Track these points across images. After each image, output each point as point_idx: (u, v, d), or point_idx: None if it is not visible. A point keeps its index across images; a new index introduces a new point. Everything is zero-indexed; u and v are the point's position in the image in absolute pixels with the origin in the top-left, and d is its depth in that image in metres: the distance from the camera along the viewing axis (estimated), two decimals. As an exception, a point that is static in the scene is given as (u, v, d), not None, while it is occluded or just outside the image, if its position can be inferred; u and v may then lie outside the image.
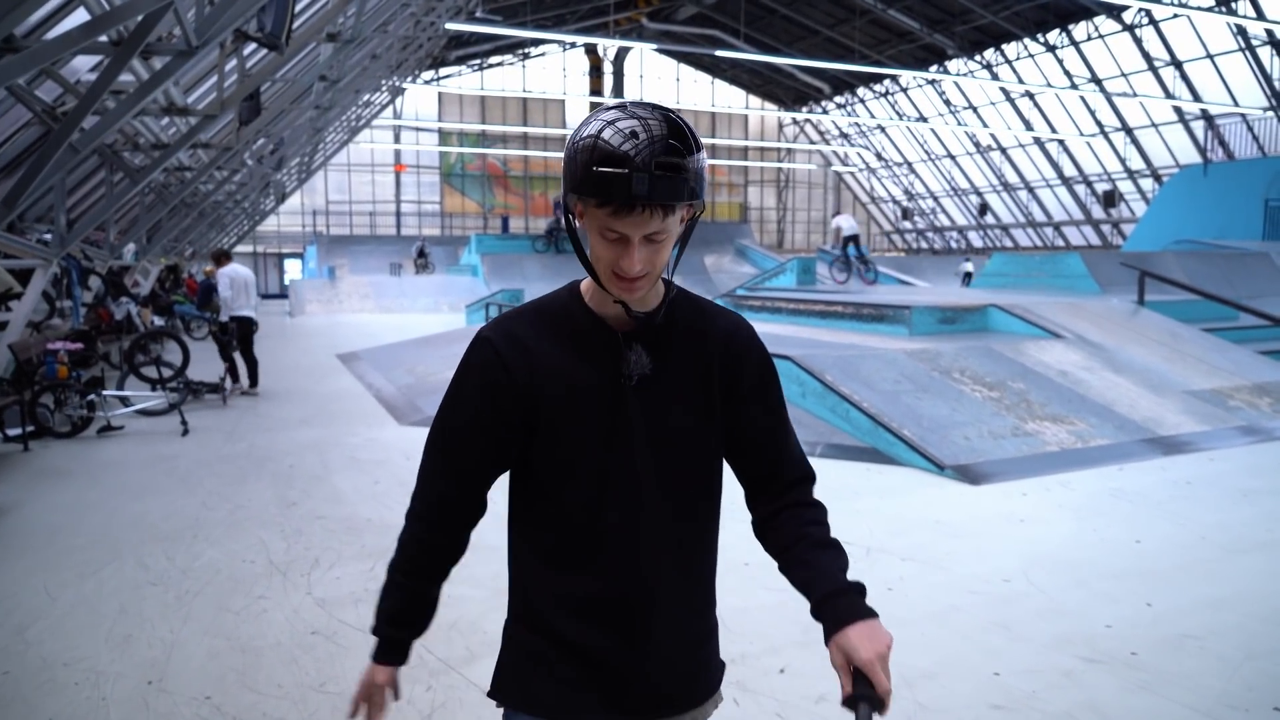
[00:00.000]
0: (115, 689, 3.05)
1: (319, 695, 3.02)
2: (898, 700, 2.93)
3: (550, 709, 1.38)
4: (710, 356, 1.40)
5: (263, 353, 15.01)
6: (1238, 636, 3.46)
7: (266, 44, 7.79)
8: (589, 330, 1.35)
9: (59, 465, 6.65)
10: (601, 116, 1.23)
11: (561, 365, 1.33)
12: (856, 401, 6.90)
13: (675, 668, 1.41)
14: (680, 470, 1.39)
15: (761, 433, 1.44)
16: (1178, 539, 4.71)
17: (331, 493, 5.75)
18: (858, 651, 1.24)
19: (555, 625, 1.38)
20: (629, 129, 1.19)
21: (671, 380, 1.37)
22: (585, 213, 1.25)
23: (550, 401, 1.32)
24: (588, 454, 1.34)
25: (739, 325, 1.43)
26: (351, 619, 3.66)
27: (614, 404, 1.33)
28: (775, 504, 1.45)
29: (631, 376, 1.34)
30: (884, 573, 4.21)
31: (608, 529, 1.35)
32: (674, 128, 1.21)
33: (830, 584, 1.33)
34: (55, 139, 6.39)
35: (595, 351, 1.34)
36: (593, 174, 1.18)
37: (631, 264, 1.23)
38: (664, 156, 1.17)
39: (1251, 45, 24.33)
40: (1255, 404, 7.91)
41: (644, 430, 1.35)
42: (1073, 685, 3.08)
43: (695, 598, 1.44)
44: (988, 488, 5.77)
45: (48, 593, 3.98)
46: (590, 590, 1.36)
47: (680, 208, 1.24)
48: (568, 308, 1.37)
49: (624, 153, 1.17)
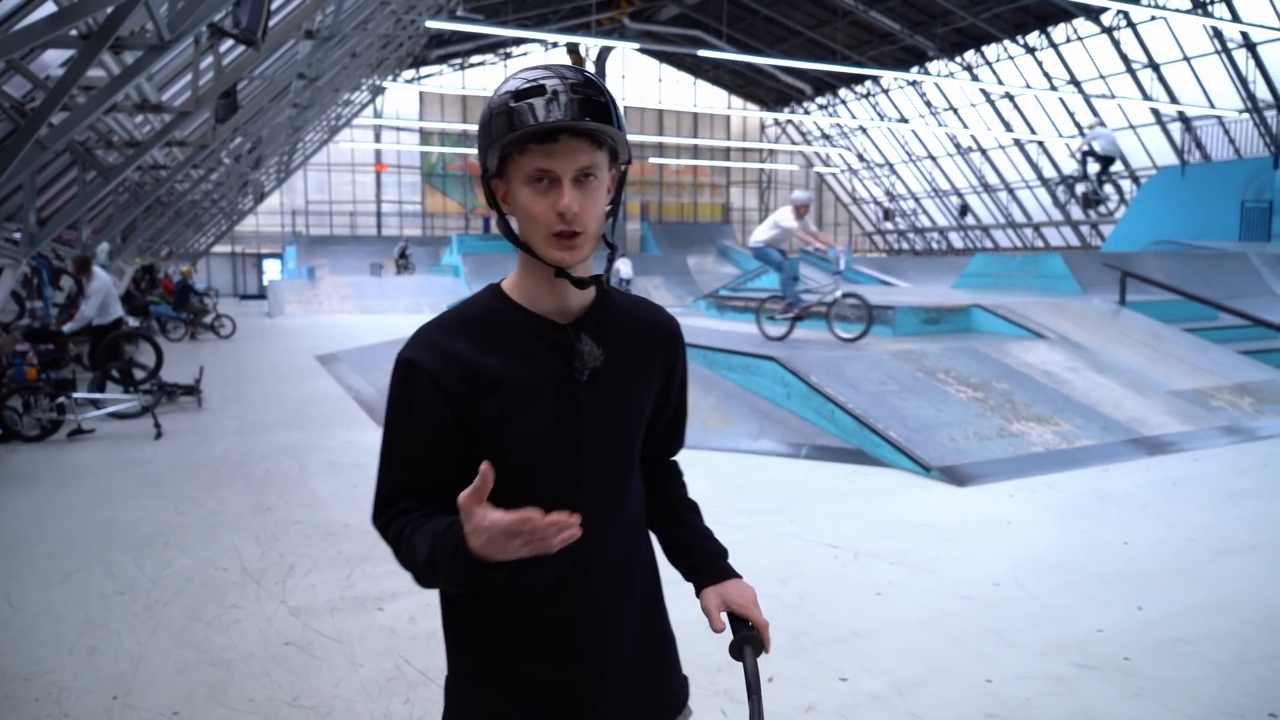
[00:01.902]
0: (79, 705, 2.92)
1: (292, 709, 2.90)
2: (889, 710, 2.87)
3: None
4: (653, 346, 1.34)
5: (240, 354, 14.83)
6: (1231, 641, 3.41)
7: (242, 40, 7.63)
8: (526, 329, 1.24)
9: (26, 470, 6.47)
10: (508, 81, 1.19)
11: (501, 367, 1.21)
12: (842, 403, 6.84)
13: (640, 687, 1.32)
14: (629, 468, 1.31)
15: (676, 417, 1.44)
16: (1166, 541, 4.67)
17: (308, 497, 5.62)
18: (735, 599, 1.33)
19: (510, 670, 1.25)
20: (537, 74, 1.16)
21: (620, 371, 1.28)
22: (510, 180, 1.19)
23: (494, 410, 1.20)
24: (544, 463, 1.22)
25: (673, 319, 1.40)
26: (327, 629, 3.54)
27: (566, 403, 1.23)
28: (655, 466, 1.47)
29: (584, 371, 1.23)
30: (873, 577, 4.14)
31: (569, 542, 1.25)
32: (582, 73, 1.18)
33: (711, 543, 1.41)
34: (22, 134, 6.22)
35: (538, 350, 1.23)
36: (510, 110, 1.14)
37: (568, 203, 1.14)
38: (578, 81, 1.15)
39: (1227, 48, 24.56)
40: (1237, 404, 7.93)
41: (600, 428, 1.25)
42: (1066, 692, 3.02)
43: (650, 606, 1.36)
44: (974, 489, 5.73)
45: (10, 603, 3.83)
46: (551, 618, 1.24)
47: (606, 149, 1.19)
48: (495, 310, 1.25)
49: (536, 82, 1.15)
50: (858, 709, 2.91)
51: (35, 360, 7.72)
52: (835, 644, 3.41)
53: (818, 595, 3.91)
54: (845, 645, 3.40)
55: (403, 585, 4.02)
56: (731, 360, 8.06)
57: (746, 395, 7.71)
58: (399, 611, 3.72)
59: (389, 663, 3.24)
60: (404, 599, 3.85)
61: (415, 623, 3.59)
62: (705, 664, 3.12)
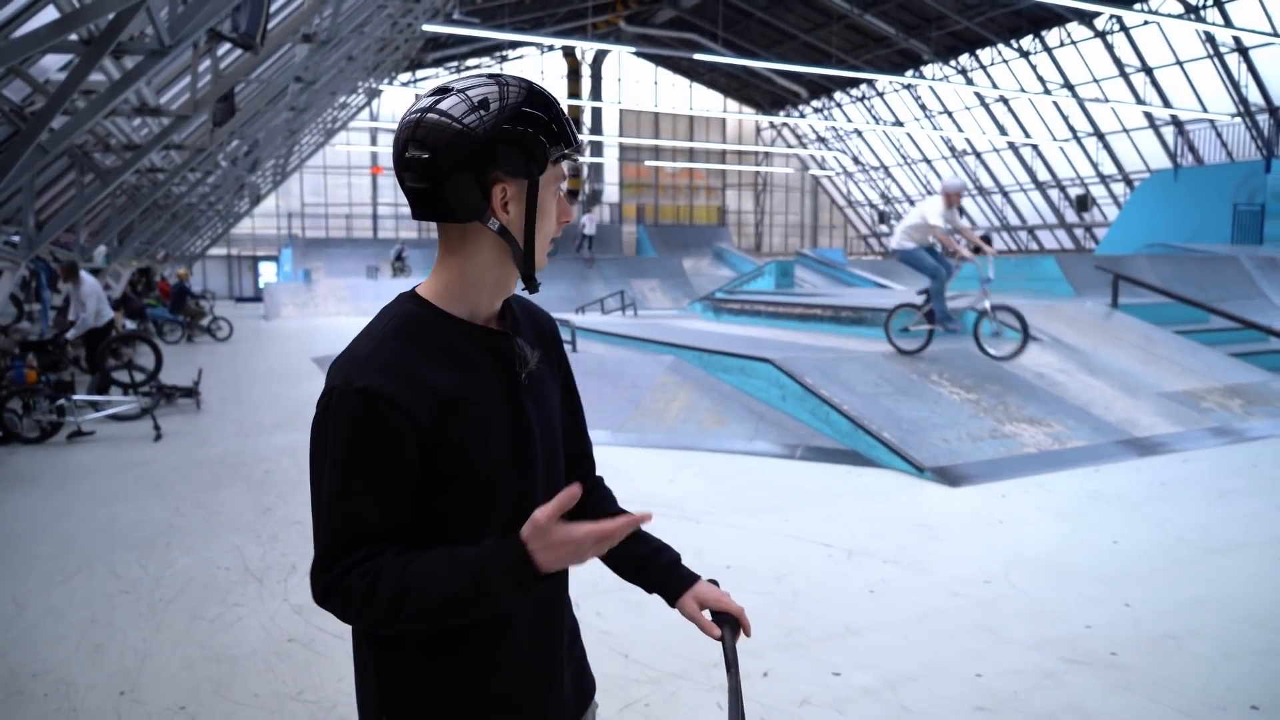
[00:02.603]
0: (86, 700, 2.98)
1: (296, 704, 2.96)
2: (881, 704, 2.94)
3: None
4: (550, 341, 1.35)
5: (237, 356, 14.86)
6: (1216, 636, 3.48)
7: (241, 44, 7.68)
8: (465, 338, 1.19)
9: (26, 471, 6.51)
10: (493, 89, 1.15)
11: (458, 389, 1.15)
12: (836, 404, 6.91)
13: (575, 675, 1.35)
14: (560, 471, 1.31)
15: (578, 416, 1.43)
16: (1155, 540, 4.74)
17: (308, 498, 5.65)
18: (710, 599, 1.33)
19: (475, 702, 1.20)
20: (537, 88, 1.18)
21: (545, 371, 1.30)
22: (539, 185, 1.17)
23: (461, 435, 1.14)
24: (500, 470, 1.18)
25: (545, 311, 1.41)
26: (329, 626, 3.60)
27: (513, 411, 1.21)
28: (589, 482, 1.42)
29: (524, 372, 1.23)
30: (866, 575, 4.21)
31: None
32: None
33: (666, 556, 1.38)
34: (23, 139, 6.26)
35: (480, 360, 1.19)
36: (559, 117, 1.17)
37: (570, 209, 1.23)
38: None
39: (1220, 53, 24.72)
40: (1227, 405, 8.01)
41: (540, 432, 1.24)
42: (1055, 686, 3.08)
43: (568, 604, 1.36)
44: (967, 489, 5.80)
45: (15, 601, 3.88)
46: (516, 630, 1.21)
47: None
48: (427, 321, 1.18)
49: (549, 96, 1.18)
50: (850, 702, 2.97)
51: (35, 363, 7.76)
52: (829, 640, 3.47)
53: (812, 593, 3.97)
54: (839, 641, 3.46)
55: (403, 584, 4.07)
56: (727, 362, 8.12)
57: (742, 397, 7.78)
58: (400, 609, 3.77)
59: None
60: (404, 597, 3.90)
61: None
62: (702, 659, 3.20)
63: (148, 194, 14.10)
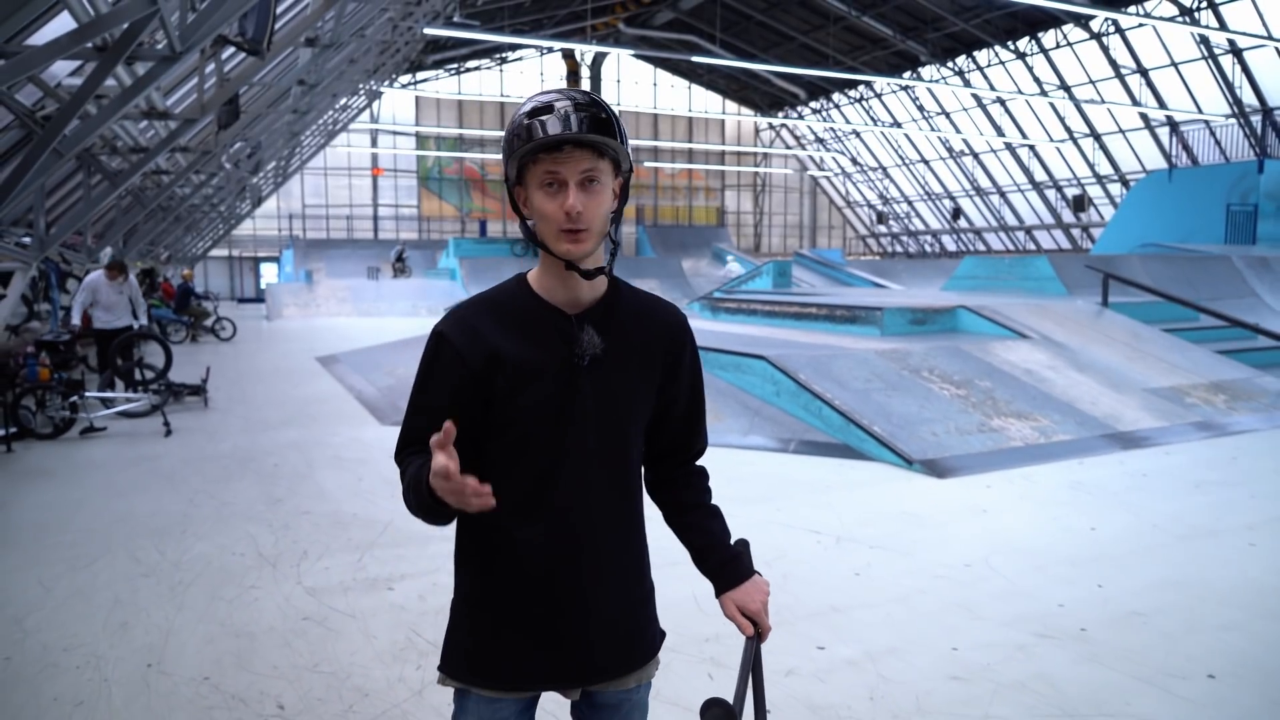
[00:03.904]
0: (116, 671, 3.17)
1: (313, 675, 3.16)
2: (861, 673, 3.14)
3: (499, 680, 1.48)
4: (655, 339, 1.53)
5: (241, 356, 15.07)
6: (1181, 614, 3.68)
7: (249, 50, 7.90)
8: (540, 315, 1.45)
9: (43, 465, 6.71)
10: (525, 103, 1.42)
11: (515, 348, 1.42)
12: (829, 400, 7.11)
13: (616, 631, 1.53)
14: (621, 445, 1.50)
15: (686, 411, 1.61)
16: (1131, 527, 4.94)
17: (316, 490, 5.87)
18: (748, 604, 1.55)
19: (504, 599, 1.48)
20: (548, 96, 1.39)
21: (620, 360, 1.47)
22: (528, 186, 1.40)
23: (506, 383, 1.41)
24: (542, 430, 1.43)
25: (679, 313, 1.59)
26: (342, 606, 3.80)
27: (567, 383, 1.43)
28: (678, 469, 1.65)
29: (584, 357, 1.44)
30: (852, 559, 4.41)
31: (556, 502, 1.45)
32: (587, 94, 1.40)
33: (724, 552, 1.60)
34: (40, 144, 6.46)
35: (547, 334, 1.44)
36: (525, 125, 1.36)
37: (573, 203, 1.36)
38: (583, 102, 1.38)
39: (1214, 54, 24.96)
40: (1211, 401, 8.21)
41: (593, 407, 1.45)
42: (1026, 658, 3.28)
43: (632, 564, 1.56)
44: (953, 481, 5.99)
45: (42, 584, 4.08)
46: (538, 562, 1.46)
47: (607, 159, 1.40)
48: (516, 296, 1.47)
49: (548, 103, 1.37)
50: (832, 672, 3.16)
51: (48, 361, 7.96)
52: (814, 618, 3.67)
53: (800, 575, 4.17)
54: (824, 619, 3.66)
55: (411, 568, 4.28)
56: (723, 359, 8.32)
57: (737, 393, 7.97)
58: (408, 591, 3.97)
59: (400, 635, 3.49)
60: (413, 580, 4.10)
61: (424, 600, 3.84)
62: (694, 635, 3.39)
63: (153, 196, 14.30)
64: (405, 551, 4.51)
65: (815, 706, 2.92)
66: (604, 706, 1.56)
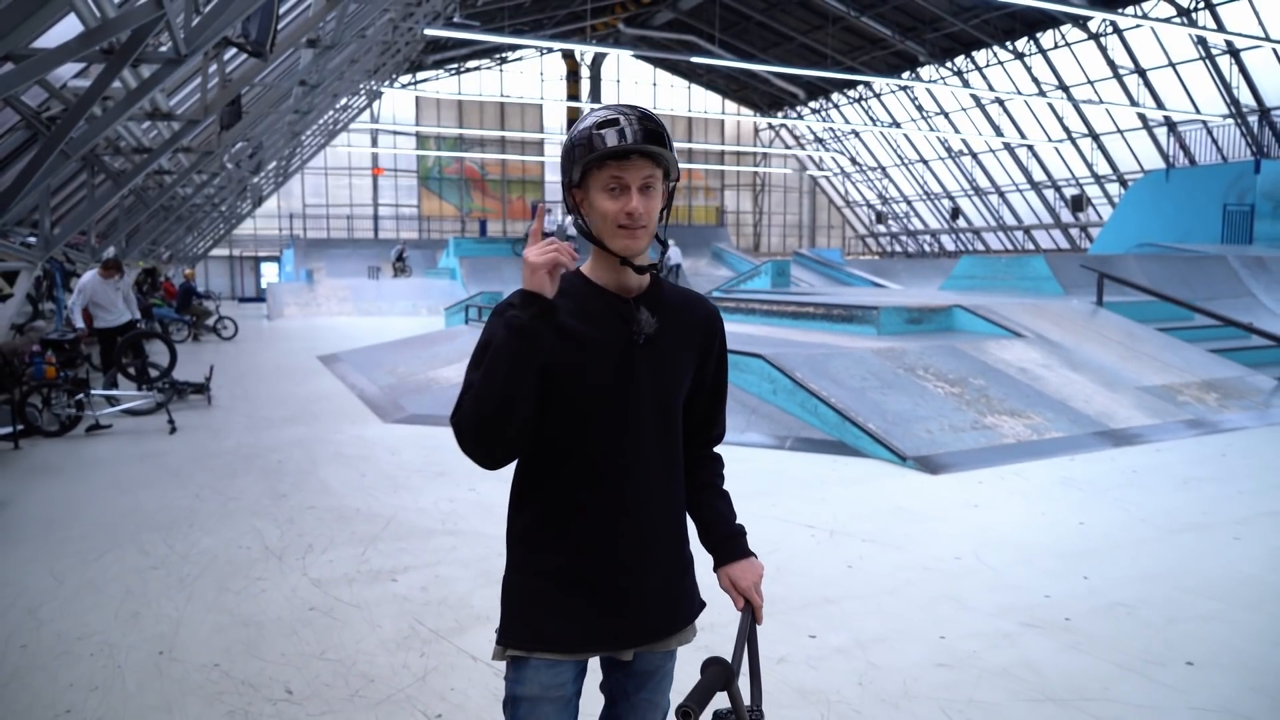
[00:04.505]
0: (129, 658, 3.28)
1: (320, 662, 3.26)
2: (851, 660, 3.24)
3: (556, 643, 1.58)
4: (696, 324, 1.70)
5: (243, 355, 15.17)
6: (1163, 605, 3.78)
7: (252, 52, 7.99)
8: (598, 299, 1.60)
9: (50, 462, 6.81)
10: (587, 118, 1.56)
11: (577, 328, 1.56)
12: (825, 397, 7.21)
13: (670, 591, 1.67)
14: (671, 417, 1.66)
15: (711, 396, 1.77)
16: (1119, 522, 5.04)
17: (320, 485, 5.97)
18: (740, 580, 1.70)
19: (558, 565, 1.59)
20: (609, 111, 1.54)
21: (669, 340, 1.63)
22: (588, 189, 1.55)
23: (569, 358, 1.55)
24: (603, 407, 1.57)
25: (714, 308, 1.76)
26: (346, 597, 3.90)
27: (624, 358, 1.58)
28: (697, 453, 1.79)
29: (640, 335, 1.59)
30: (845, 552, 4.51)
31: (616, 471, 1.59)
32: (644, 110, 1.56)
33: (726, 529, 1.76)
34: (48, 146, 6.56)
35: (606, 316, 1.59)
36: (594, 135, 1.51)
37: (635, 205, 1.52)
38: (643, 116, 1.54)
39: (1211, 55, 25.05)
40: (1203, 399, 8.31)
41: (648, 383, 1.60)
42: (1011, 646, 3.38)
43: (677, 531, 1.70)
44: (946, 477, 6.09)
45: (53, 576, 4.18)
46: (593, 526, 1.58)
47: (661, 168, 1.56)
48: (576, 284, 1.62)
49: (613, 118, 1.53)
50: (823, 659, 3.27)
51: (54, 359, 8.06)
52: (807, 608, 3.77)
53: (794, 568, 4.27)
54: (816, 609, 3.76)
55: (413, 560, 4.38)
56: (721, 358, 8.40)
57: (735, 391, 8.07)
58: (411, 582, 4.07)
59: (404, 624, 3.60)
60: (415, 572, 4.20)
61: (427, 591, 3.95)
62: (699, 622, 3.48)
63: (155, 196, 14.40)
64: (408, 545, 4.61)
65: (805, 691, 3.03)
66: (641, 673, 1.68)
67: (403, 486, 5.79)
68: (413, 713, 2.89)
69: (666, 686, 1.73)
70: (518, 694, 1.60)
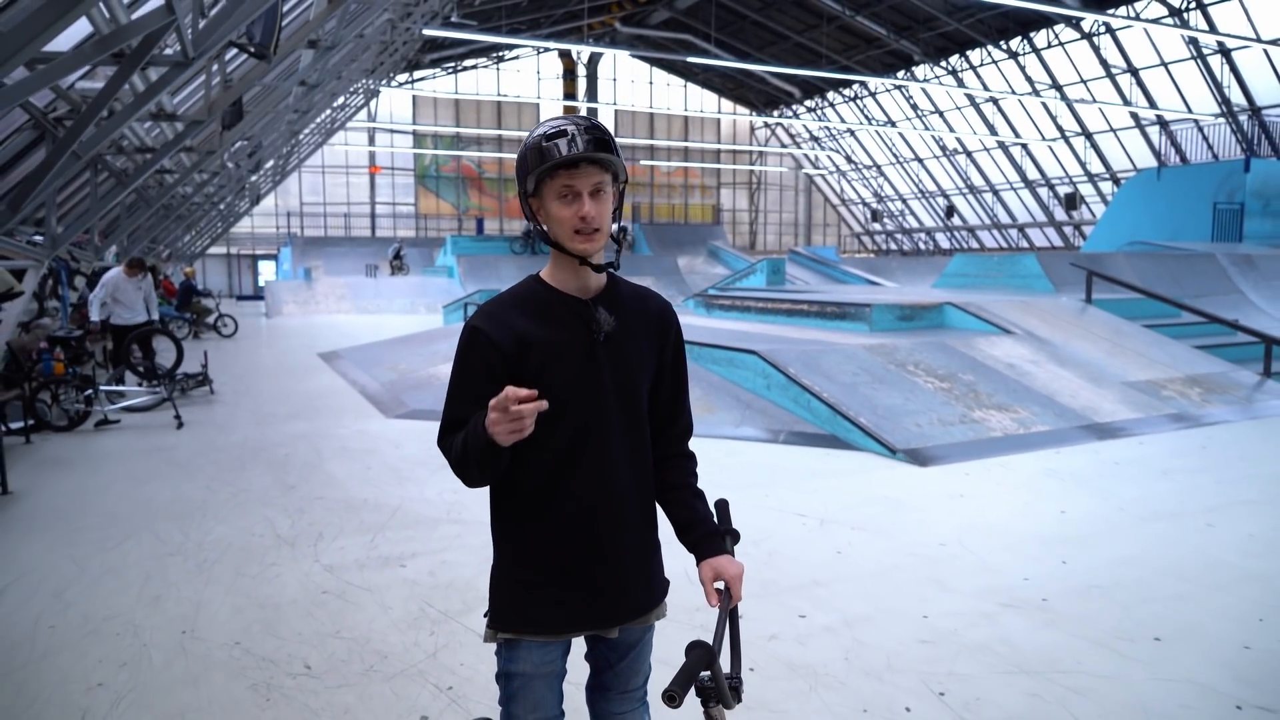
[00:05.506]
0: (154, 638, 3.45)
1: (336, 640, 3.44)
2: (838, 638, 3.43)
3: (543, 626, 1.74)
4: (651, 318, 1.81)
5: (244, 352, 15.32)
6: (1136, 586, 3.98)
7: (256, 55, 8.16)
8: (558, 303, 1.71)
9: (61, 456, 6.98)
10: (537, 130, 1.68)
11: (541, 333, 1.68)
12: (817, 392, 7.40)
13: (643, 573, 1.83)
14: (635, 411, 1.77)
15: (672, 382, 1.87)
16: (1099, 510, 5.24)
17: (327, 477, 6.15)
18: (728, 570, 1.76)
19: (549, 552, 1.72)
20: (558, 122, 1.66)
21: (627, 337, 1.75)
22: (543, 197, 1.66)
23: (536, 362, 1.66)
24: (572, 399, 1.68)
25: (666, 302, 1.87)
26: (358, 581, 4.08)
27: (587, 357, 1.70)
28: (666, 449, 1.87)
29: (600, 333, 1.71)
30: (834, 539, 4.70)
31: (589, 461, 1.70)
32: (591, 120, 1.68)
33: (706, 527, 1.82)
34: (60, 147, 6.72)
35: (566, 318, 1.70)
36: (544, 147, 1.63)
37: (588, 211, 1.63)
38: (590, 126, 1.65)
39: (1203, 55, 25.27)
40: (1186, 394, 8.52)
41: (612, 375, 1.72)
42: (989, 624, 3.57)
43: (648, 516, 1.83)
44: (934, 469, 6.29)
45: (75, 563, 4.36)
46: (571, 518, 1.71)
47: (610, 172, 1.67)
48: (536, 291, 1.73)
49: (562, 129, 1.64)
50: (811, 637, 3.46)
51: (62, 356, 8.22)
52: (797, 590, 3.96)
53: (785, 553, 4.46)
54: (806, 591, 3.95)
55: (421, 547, 4.56)
56: (716, 354, 8.61)
57: (729, 386, 8.26)
58: (419, 567, 4.25)
59: (414, 606, 3.78)
60: (423, 558, 4.39)
61: (435, 575, 4.13)
62: (686, 605, 3.67)
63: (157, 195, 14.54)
64: (415, 533, 4.79)
65: (794, 665, 3.21)
66: (623, 644, 1.85)
67: (407, 478, 5.98)
68: (426, 685, 3.08)
69: (647, 654, 1.90)
70: (511, 670, 1.77)
